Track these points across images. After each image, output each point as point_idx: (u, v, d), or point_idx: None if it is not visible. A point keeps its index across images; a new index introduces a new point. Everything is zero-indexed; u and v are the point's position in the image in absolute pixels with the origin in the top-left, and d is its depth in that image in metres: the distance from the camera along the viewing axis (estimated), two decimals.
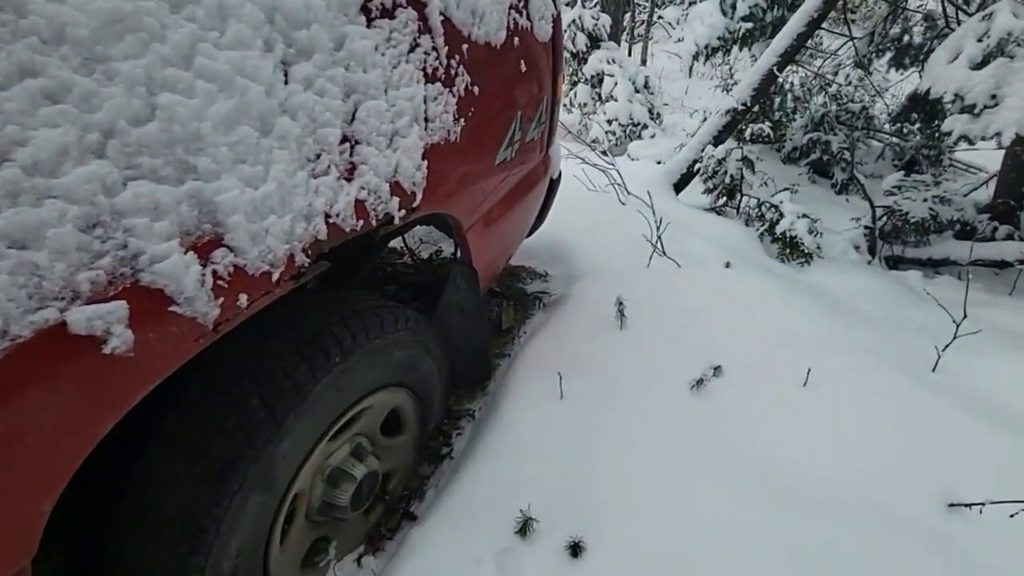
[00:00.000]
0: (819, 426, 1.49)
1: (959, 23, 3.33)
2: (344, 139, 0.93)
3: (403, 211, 1.08)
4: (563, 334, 2.03)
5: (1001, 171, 3.19)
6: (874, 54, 4.08)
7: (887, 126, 4.77)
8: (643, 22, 11.72)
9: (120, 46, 0.61)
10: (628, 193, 3.08)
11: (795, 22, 3.01)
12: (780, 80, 3.31)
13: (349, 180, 0.94)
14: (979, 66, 2.03)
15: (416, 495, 1.55)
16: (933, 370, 1.77)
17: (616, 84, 5.54)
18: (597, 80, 5.79)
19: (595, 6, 6.37)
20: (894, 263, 3.15)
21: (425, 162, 1.13)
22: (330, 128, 0.89)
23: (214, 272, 0.72)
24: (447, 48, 1.17)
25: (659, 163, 4.94)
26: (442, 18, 1.15)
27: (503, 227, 1.73)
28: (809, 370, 1.63)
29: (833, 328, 1.94)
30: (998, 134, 1.99)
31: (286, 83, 0.82)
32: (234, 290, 0.75)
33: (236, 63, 0.73)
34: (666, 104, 6.88)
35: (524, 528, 1.24)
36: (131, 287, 0.63)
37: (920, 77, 4.06)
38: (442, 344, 1.49)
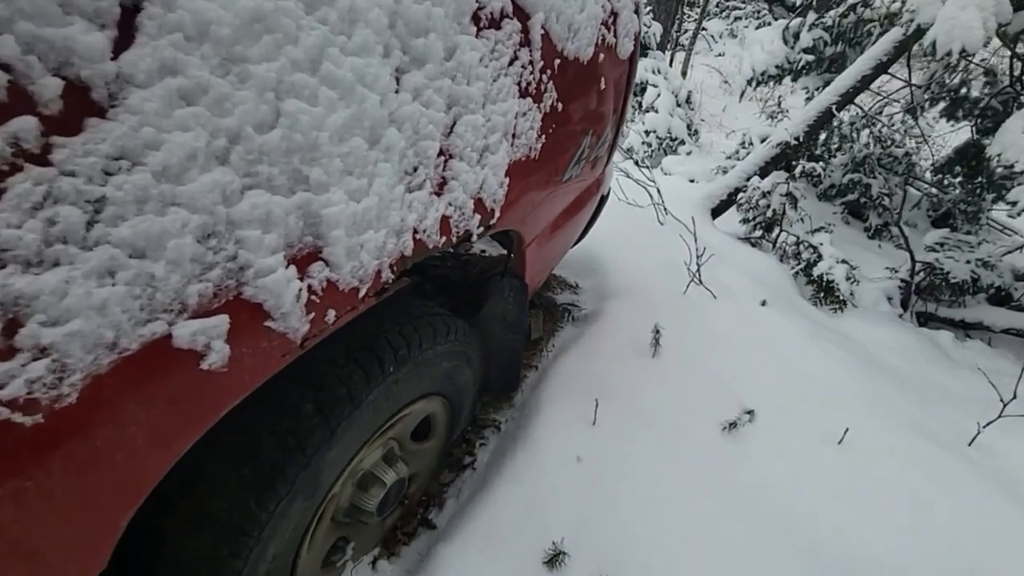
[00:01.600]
0: (853, 490, 1.46)
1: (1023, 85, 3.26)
2: (440, 152, 0.89)
3: (482, 228, 1.04)
4: (594, 354, 2.00)
5: None
6: (928, 102, 4.00)
7: (928, 175, 4.69)
8: (687, 31, 11.54)
9: (257, 47, 0.57)
10: (667, 213, 3.03)
11: (861, 64, 2.94)
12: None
13: (439, 195, 0.91)
14: None
15: (435, 502, 1.53)
16: (969, 444, 1.74)
17: (659, 95, 5.47)
18: (639, 89, 5.72)
19: (648, 13, 6.27)
20: (924, 320, 3.11)
21: (507, 179, 1.09)
22: (430, 141, 0.85)
23: (309, 287, 0.69)
24: (542, 63, 1.13)
25: (692, 181, 4.88)
26: (542, 31, 1.11)
27: (554, 242, 1.70)
28: (847, 429, 1.60)
29: (868, 386, 1.90)
30: None
31: (396, 92, 0.78)
32: (324, 306, 0.72)
33: (359, 70, 0.69)
34: (703, 120, 6.80)
35: (553, 560, 1.21)
36: (233, 300, 0.60)
37: (972, 131, 4.01)
38: (480, 354, 1.46)
